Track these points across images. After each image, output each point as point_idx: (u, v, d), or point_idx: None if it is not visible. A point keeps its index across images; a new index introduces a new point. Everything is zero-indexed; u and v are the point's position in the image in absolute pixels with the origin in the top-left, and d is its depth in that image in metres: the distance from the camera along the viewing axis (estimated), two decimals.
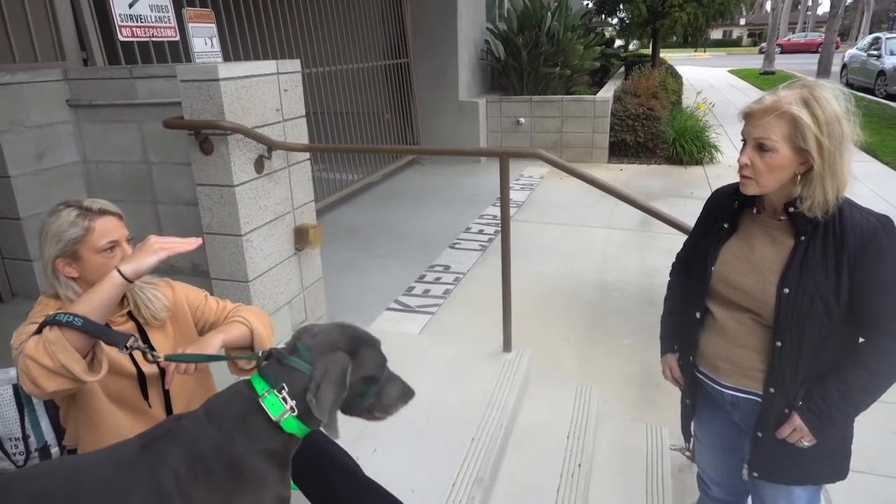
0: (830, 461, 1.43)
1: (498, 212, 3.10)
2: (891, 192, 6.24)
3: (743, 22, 55.08)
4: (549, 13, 8.39)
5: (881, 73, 13.94)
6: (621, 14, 13.16)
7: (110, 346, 1.29)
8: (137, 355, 1.48)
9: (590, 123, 7.89)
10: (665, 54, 15.96)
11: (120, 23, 2.98)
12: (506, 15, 9.07)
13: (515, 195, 6.46)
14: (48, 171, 2.96)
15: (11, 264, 3.05)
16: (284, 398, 1.17)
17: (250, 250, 2.65)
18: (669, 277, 1.74)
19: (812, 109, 1.24)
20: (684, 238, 1.75)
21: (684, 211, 5.22)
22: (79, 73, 3.00)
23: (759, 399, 1.43)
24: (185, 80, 2.46)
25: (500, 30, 8.56)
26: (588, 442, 2.34)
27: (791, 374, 1.36)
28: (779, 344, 1.35)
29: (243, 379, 1.24)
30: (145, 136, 2.91)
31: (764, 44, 30.10)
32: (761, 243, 1.40)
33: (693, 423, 1.70)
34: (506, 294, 2.67)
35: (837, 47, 19.84)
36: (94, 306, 1.24)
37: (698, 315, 1.51)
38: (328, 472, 1.57)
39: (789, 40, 37.89)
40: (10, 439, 1.58)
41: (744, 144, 1.35)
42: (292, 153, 2.89)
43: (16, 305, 3.03)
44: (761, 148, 1.30)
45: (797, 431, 1.36)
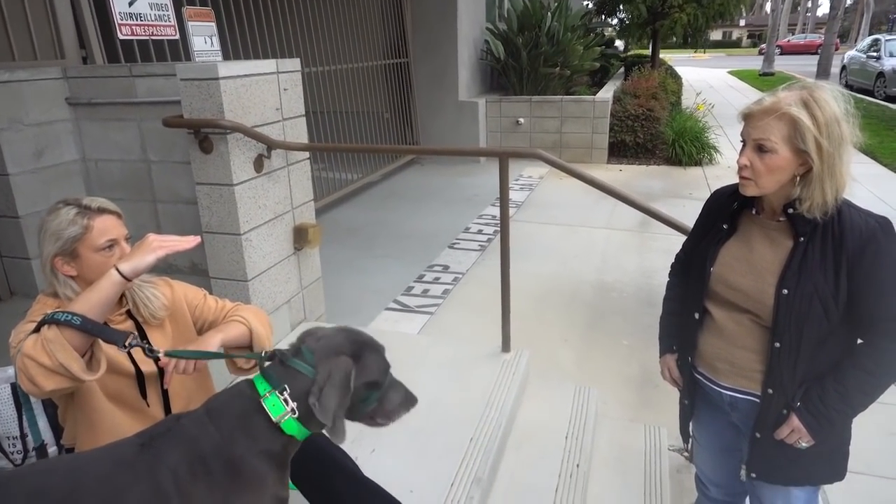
0: (828, 462, 1.44)
1: (497, 212, 3.10)
2: (889, 194, 6.25)
3: (743, 23, 55.16)
4: (549, 13, 8.39)
5: (880, 74, 13.96)
6: (621, 14, 13.17)
7: (109, 345, 1.29)
8: (137, 354, 1.48)
9: (589, 124, 7.89)
10: (665, 55, 15.96)
11: (119, 21, 2.97)
12: (506, 15, 9.07)
13: (515, 195, 6.46)
14: (47, 170, 2.96)
15: (10, 263, 3.05)
16: (286, 400, 1.17)
17: (249, 249, 2.65)
18: (668, 278, 1.74)
19: (811, 111, 1.25)
20: (683, 239, 1.75)
21: (683, 212, 5.22)
22: (78, 71, 2.99)
23: (757, 400, 1.43)
24: (185, 79, 2.46)
25: (500, 30, 8.56)
26: (586, 442, 2.34)
27: (789, 375, 1.36)
28: (777, 345, 1.35)
29: (245, 379, 1.24)
30: (145, 135, 2.91)
31: (763, 45, 30.13)
32: (760, 244, 1.40)
33: (691, 424, 1.70)
34: (505, 294, 2.67)
35: (837, 49, 19.87)
36: (92, 305, 1.24)
37: (697, 316, 1.52)
38: (327, 473, 1.57)
39: (789, 42, 37.94)
40: (8, 438, 1.57)
41: (743, 145, 1.35)
42: (292, 152, 2.89)
43: (14, 304, 3.03)
44: (761, 149, 1.30)
45: (795, 432, 1.36)
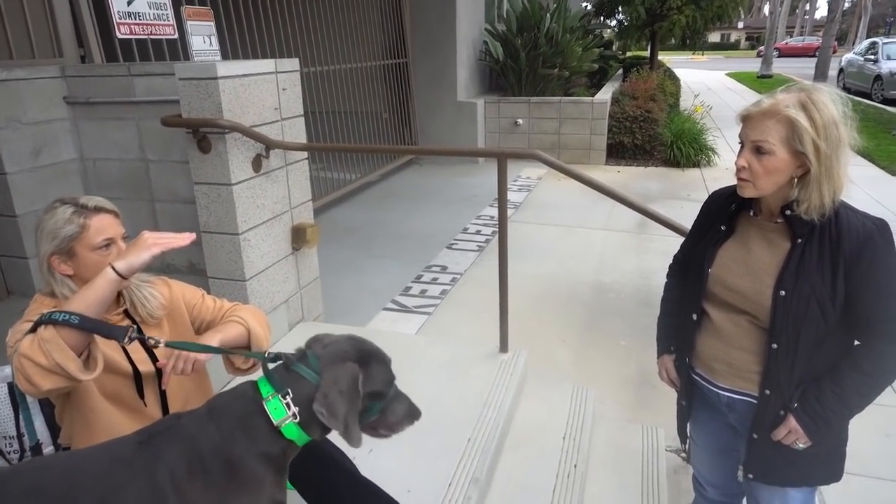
0: (825, 463, 1.44)
1: (495, 212, 3.10)
2: (887, 196, 6.27)
3: (741, 25, 55.25)
4: (547, 14, 8.40)
5: (878, 77, 14.00)
6: (620, 16, 13.17)
7: (106, 344, 1.28)
8: (135, 354, 1.48)
9: (587, 125, 7.90)
10: (663, 57, 15.96)
11: (118, 20, 2.97)
12: (504, 16, 9.08)
13: (513, 196, 6.46)
14: (45, 169, 2.95)
15: (7, 262, 3.04)
16: (288, 404, 1.16)
17: (247, 249, 2.65)
18: (666, 279, 1.74)
19: (809, 113, 1.25)
20: (681, 240, 1.75)
21: (681, 213, 5.22)
22: (76, 70, 2.99)
23: (754, 401, 1.43)
24: (184, 79, 2.45)
25: (499, 31, 8.57)
26: (584, 443, 2.34)
27: (787, 376, 1.36)
28: (775, 346, 1.35)
29: (249, 381, 1.24)
30: (143, 134, 2.90)
31: (762, 47, 30.21)
32: (758, 246, 1.41)
33: (689, 425, 1.70)
34: (503, 294, 2.67)
35: (835, 51, 19.92)
36: (88, 303, 1.23)
37: (695, 317, 1.52)
38: (325, 473, 1.57)
39: (787, 44, 38.02)
40: (4, 437, 1.57)
41: (741, 147, 1.36)
42: (290, 152, 2.89)
43: (11, 303, 3.02)
44: (759, 151, 1.30)
45: (792, 433, 1.37)
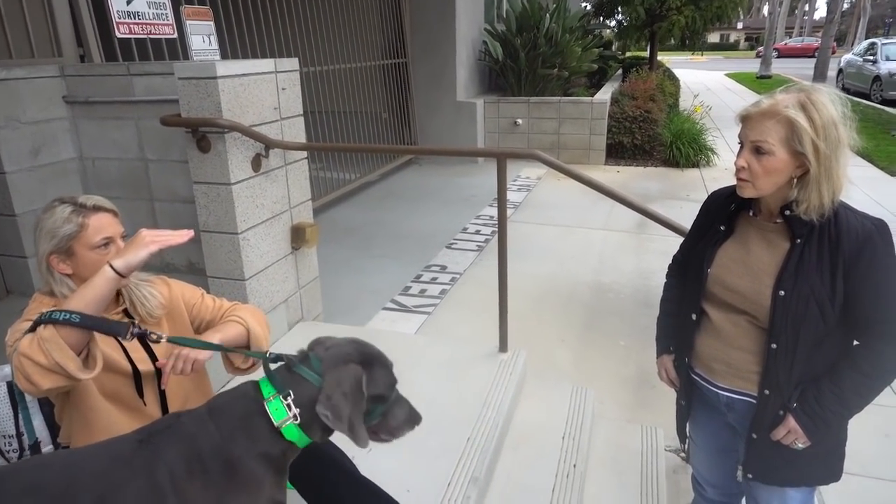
0: (824, 463, 1.44)
1: (495, 212, 3.11)
2: (886, 197, 6.27)
3: (740, 26, 55.28)
4: (547, 15, 8.40)
5: (877, 78, 14.01)
6: (619, 16, 13.18)
7: (105, 343, 1.28)
8: (134, 353, 1.48)
9: (587, 125, 7.90)
10: (662, 57, 15.98)
11: (117, 19, 2.97)
12: (504, 16, 9.08)
13: (512, 196, 6.47)
14: (44, 168, 2.95)
15: (6, 261, 3.04)
16: (289, 405, 1.16)
17: (247, 249, 2.65)
18: (665, 279, 1.74)
19: (809, 113, 1.25)
20: (680, 240, 1.75)
21: (680, 213, 5.23)
22: (76, 69, 2.99)
23: (753, 401, 1.43)
24: (183, 78, 2.45)
25: (499, 31, 8.57)
26: (583, 442, 2.34)
27: (786, 376, 1.36)
28: (774, 346, 1.35)
29: (250, 381, 1.24)
30: (142, 134, 2.90)
31: (761, 48, 30.22)
32: (757, 246, 1.41)
33: (688, 425, 1.70)
34: (502, 294, 2.67)
35: (834, 52, 19.95)
36: (87, 302, 1.23)
37: (694, 317, 1.52)
38: (325, 473, 1.57)
39: (786, 45, 38.06)
40: (4, 436, 1.57)
41: (741, 147, 1.36)
42: (289, 152, 2.88)
43: (10, 302, 3.02)
44: (758, 151, 1.30)
45: (791, 433, 1.37)
